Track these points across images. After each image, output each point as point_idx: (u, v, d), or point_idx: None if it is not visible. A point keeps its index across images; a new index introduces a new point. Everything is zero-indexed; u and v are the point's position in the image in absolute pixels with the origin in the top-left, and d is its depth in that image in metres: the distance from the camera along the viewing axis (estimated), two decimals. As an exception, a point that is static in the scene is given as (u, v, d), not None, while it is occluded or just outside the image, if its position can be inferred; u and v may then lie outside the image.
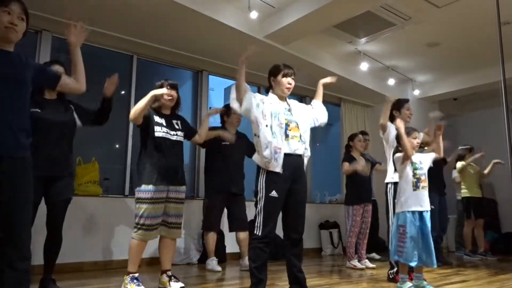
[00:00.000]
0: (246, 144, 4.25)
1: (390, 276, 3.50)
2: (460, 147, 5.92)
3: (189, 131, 3.32)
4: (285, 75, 2.70)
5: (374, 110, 7.25)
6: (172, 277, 3.05)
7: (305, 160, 2.70)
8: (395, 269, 3.39)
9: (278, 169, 2.52)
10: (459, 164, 5.74)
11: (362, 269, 4.35)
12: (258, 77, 5.70)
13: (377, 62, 5.90)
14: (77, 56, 2.10)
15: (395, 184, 3.30)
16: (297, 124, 2.67)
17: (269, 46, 4.87)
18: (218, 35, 4.69)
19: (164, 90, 3.07)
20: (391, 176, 3.48)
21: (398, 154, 3.10)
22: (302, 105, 2.90)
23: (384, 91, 6.57)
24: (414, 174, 3.01)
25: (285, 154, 2.56)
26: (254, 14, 4.42)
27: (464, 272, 4.22)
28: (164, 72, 5.50)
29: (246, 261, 4.28)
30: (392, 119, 3.76)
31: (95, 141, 4.79)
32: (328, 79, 3.03)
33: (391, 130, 3.56)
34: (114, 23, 4.39)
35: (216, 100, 6.76)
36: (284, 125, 2.60)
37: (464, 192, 5.78)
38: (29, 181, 1.88)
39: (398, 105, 3.75)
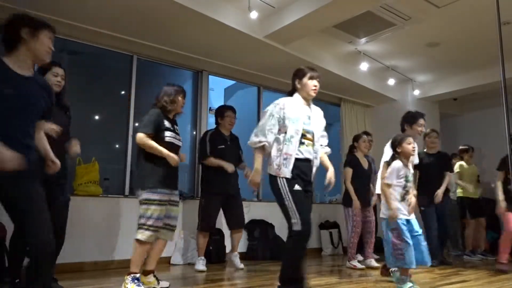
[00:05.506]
0: (238, 147, 4.50)
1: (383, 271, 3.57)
2: (460, 147, 5.91)
3: None
4: (311, 78, 2.73)
5: (374, 110, 7.26)
6: (157, 277, 3.13)
7: (314, 169, 2.77)
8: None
9: (288, 175, 2.57)
10: (457, 165, 5.72)
11: (362, 269, 4.34)
12: (258, 77, 5.71)
13: (377, 62, 5.90)
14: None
15: None
16: (313, 134, 2.73)
17: (269, 46, 4.86)
18: (218, 35, 4.69)
19: (175, 159, 3.00)
20: None
21: (395, 165, 3.09)
22: (321, 115, 2.90)
23: (384, 91, 6.58)
24: (405, 186, 3.06)
25: (299, 159, 2.63)
26: (254, 14, 4.42)
27: (464, 272, 4.22)
28: (164, 72, 5.50)
29: (234, 255, 4.34)
30: (403, 132, 3.69)
31: (95, 141, 4.79)
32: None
33: (386, 150, 3.51)
34: (114, 23, 4.38)
35: (216, 100, 6.76)
36: (300, 132, 2.65)
37: (459, 192, 5.76)
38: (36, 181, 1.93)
39: (412, 119, 3.68)
